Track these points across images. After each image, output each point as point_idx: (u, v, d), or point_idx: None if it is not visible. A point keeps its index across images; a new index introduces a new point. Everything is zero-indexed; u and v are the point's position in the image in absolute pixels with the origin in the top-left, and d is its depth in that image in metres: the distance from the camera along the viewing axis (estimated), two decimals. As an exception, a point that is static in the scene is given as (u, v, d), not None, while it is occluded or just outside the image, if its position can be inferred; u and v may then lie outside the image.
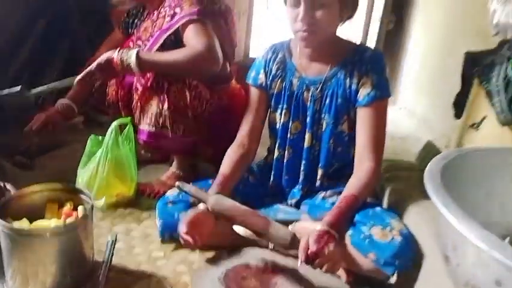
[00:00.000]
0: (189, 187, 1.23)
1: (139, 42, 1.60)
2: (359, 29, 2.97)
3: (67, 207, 1.18)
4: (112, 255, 1.24)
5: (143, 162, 1.79)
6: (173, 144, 1.55)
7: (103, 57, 1.41)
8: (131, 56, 1.38)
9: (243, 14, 2.80)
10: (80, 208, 1.17)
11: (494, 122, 1.23)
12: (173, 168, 1.71)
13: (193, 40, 1.41)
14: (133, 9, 1.75)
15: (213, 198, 1.20)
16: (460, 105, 1.46)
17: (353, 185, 1.21)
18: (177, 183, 1.23)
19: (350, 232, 1.16)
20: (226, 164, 1.33)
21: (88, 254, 1.15)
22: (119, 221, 1.45)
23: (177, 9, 1.48)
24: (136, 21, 1.72)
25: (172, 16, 1.49)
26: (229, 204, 1.20)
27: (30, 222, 1.12)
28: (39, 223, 1.11)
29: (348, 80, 1.26)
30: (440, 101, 2.01)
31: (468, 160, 1.04)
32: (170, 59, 1.40)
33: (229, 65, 1.72)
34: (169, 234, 1.31)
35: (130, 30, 1.74)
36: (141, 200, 1.58)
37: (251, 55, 2.90)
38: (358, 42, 1.37)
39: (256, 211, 1.23)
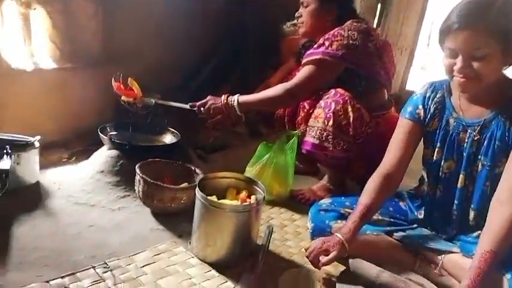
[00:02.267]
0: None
1: None
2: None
3: (243, 194, 1.43)
4: (269, 243, 1.46)
5: (296, 172, 2.00)
6: (331, 158, 1.71)
7: (215, 101, 1.73)
8: (234, 100, 1.69)
9: (405, 49, 2.88)
10: (253, 197, 1.42)
11: None
12: (324, 181, 1.88)
13: (292, 79, 1.72)
14: (307, 42, 1.97)
15: (353, 264, 1.27)
16: None
17: (490, 238, 1.12)
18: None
19: (508, 276, 1.13)
20: (369, 194, 1.32)
21: (253, 236, 1.39)
22: (275, 216, 1.67)
23: (326, 42, 1.66)
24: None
25: (319, 46, 1.68)
26: (367, 266, 1.26)
27: (217, 198, 1.40)
28: (224, 201, 1.39)
29: (508, 123, 1.21)
30: None
31: None
32: (260, 99, 1.72)
33: (387, 93, 1.84)
34: (319, 237, 1.45)
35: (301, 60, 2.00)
36: (293, 203, 1.78)
37: (407, 88, 2.94)
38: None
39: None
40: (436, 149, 1.35)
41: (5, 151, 1.56)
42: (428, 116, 1.35)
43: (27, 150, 1.63)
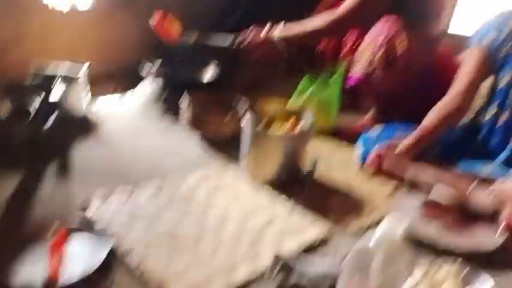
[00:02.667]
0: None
1: None
2: None
3: (291, 121, 1.43)
4: (316, 171, 1.47)
5: (340, 108, 1.96)
6: (377, 92, 1.67)
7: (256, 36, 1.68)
8: (277, 34, 1.63)
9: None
10: (300, 124, 1.41)
11: None
12: (369, 116, 1.85)
13: (341, 7, 1.59)
14: None
15: (412, 172, 1.30)
16: None
17: None
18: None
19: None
20: (432, 118, 1.35)
21: (300, 163, 1.40)
22: (321, 146, 1.65)
23: None
24: None
25: None
26: (430, 173, 1.27)
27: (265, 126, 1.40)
28: (272, 128, 1.39)
29: None
30: None
31: None
32: (304, 30, 1.62)
33: (437, 27, 1.76)
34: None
35: None
36: (337, 136, 1.75)
37: (450, 31, 2.78)
38: None
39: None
40: (505, 75, 1.33)
41: (53, 82, 1.61)
42: (500, 41, 1.33)
43: (76, 82, 1.66)
